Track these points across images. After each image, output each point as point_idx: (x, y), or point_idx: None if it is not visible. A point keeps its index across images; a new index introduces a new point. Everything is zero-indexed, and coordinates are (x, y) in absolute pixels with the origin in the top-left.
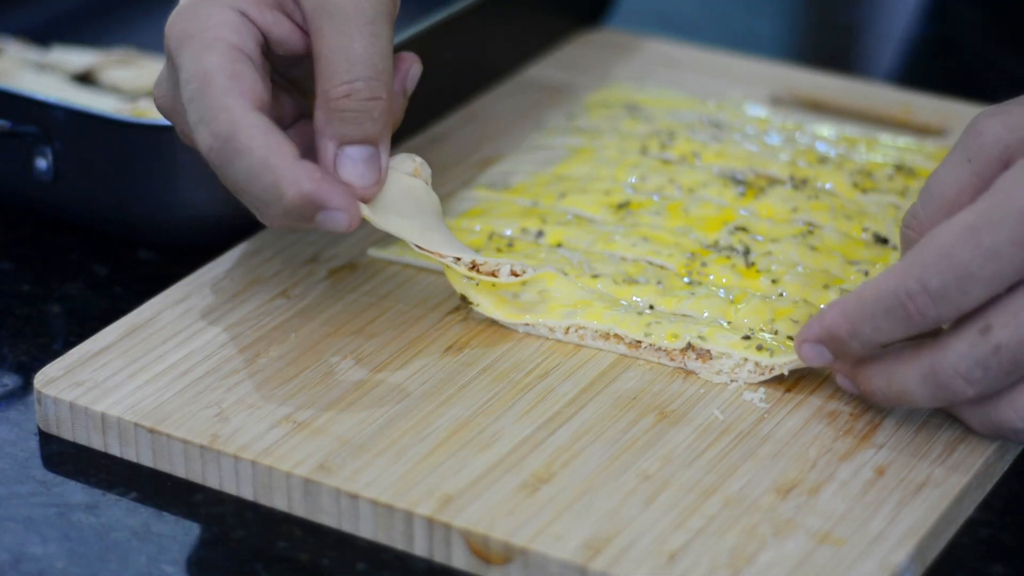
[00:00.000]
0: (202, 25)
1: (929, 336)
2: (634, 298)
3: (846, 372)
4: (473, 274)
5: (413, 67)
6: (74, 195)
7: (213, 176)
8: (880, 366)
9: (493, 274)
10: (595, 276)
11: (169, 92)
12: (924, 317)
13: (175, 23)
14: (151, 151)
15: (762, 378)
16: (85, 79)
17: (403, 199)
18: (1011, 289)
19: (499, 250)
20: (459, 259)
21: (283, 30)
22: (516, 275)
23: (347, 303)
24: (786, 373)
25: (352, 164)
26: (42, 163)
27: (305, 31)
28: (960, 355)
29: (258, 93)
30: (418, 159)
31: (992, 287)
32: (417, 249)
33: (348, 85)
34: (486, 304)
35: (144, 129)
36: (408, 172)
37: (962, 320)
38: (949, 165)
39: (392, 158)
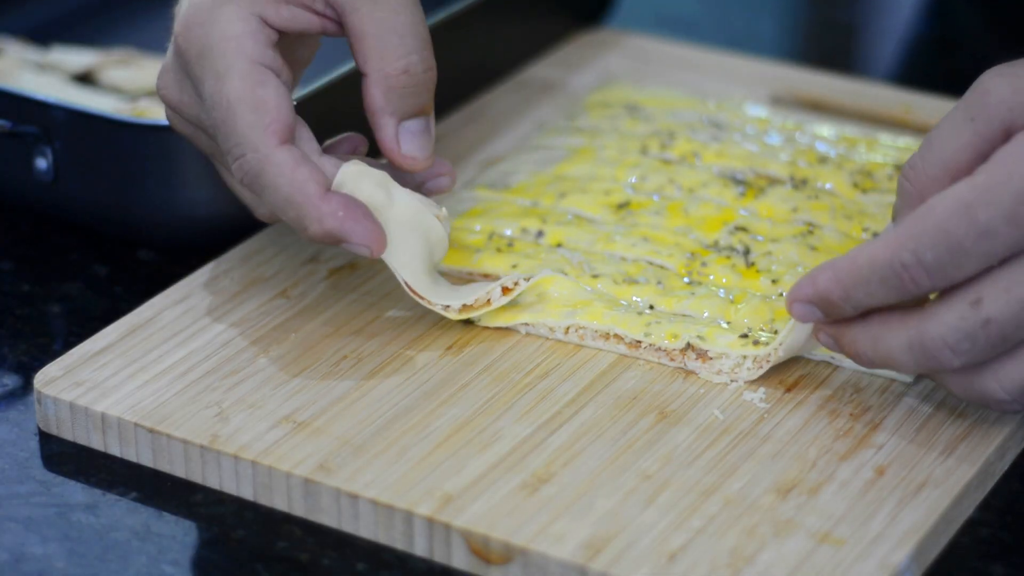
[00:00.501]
0: (220, 34)
1: (917, 302)
2: (634, 298)
3: (830, 332)
4: (468, 314)
5: (444, 178)
6: (74, 195)
7: (213, 176)
8: (866, 329)
9: (488, 303)
10: (595, 276)
11: (175, 84)
12: (917, 286)
13: (190, 28)
14: (151, 151)
15: (760, 372)
16: (85, 79)
17: (418, 235)
18: (1004, 262)
19: (499, 250)
20: (448, 307)
21: (300, 24)
22: (509, 290)
23: (347, 303)
24: (781, 355)
25: (412, 138)
26: (42, 163)
27: (324, 16)
28: (949, 326)
29: (283, 119)
30: (444, 210)
31: (985, 262)
32: (406, 288)
33: (405, 60)
34: (485, 318)
35: (144, 129)
36: (435, 213)
37: (952, 290)
38: (952, 121)
39: (423, 197)
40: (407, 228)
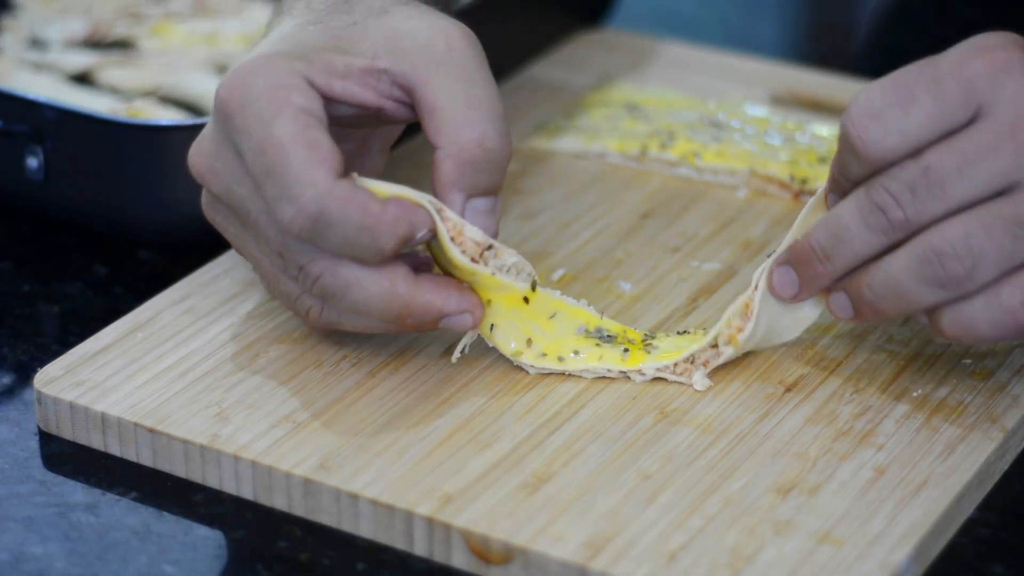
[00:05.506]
0: (266, 83)
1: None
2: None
3: (841, 286)
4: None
5: (466, 316)
6: (65, 195)
7: None
8: (873, 271)
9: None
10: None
11: (209, 150)
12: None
13: (234, 83)
14: (143, 151)
15: (709, 367)
16: (83, 79)
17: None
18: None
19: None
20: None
21: (355, 98)
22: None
23: None
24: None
25: (479, 217)
26: (33, 162)
27: (388, 96)
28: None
29: (337, 158)
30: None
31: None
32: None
33: (480, 130)
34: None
35: (136, 129)
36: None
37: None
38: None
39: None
40: None
